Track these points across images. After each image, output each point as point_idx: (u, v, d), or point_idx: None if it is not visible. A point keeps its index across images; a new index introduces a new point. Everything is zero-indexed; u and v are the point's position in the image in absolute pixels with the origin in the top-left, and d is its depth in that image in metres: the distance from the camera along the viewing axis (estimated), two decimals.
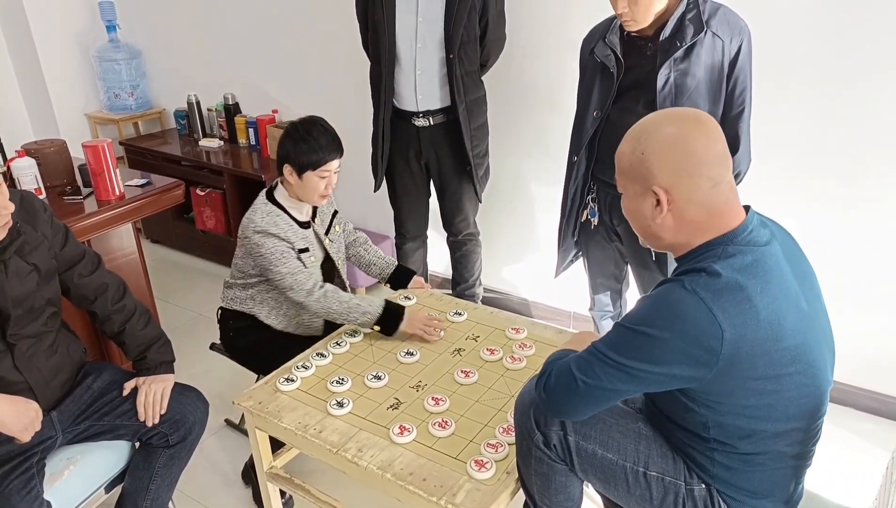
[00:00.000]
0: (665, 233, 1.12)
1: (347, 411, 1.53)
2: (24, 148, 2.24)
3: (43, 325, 1.51)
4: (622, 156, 1.14)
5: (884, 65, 1.92)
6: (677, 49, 1.67)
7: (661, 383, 1.09)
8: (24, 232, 1.47)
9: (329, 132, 1.79)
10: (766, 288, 1.04)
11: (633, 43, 1.77)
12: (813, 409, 1.13)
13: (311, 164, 1.74)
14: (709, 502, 1.19)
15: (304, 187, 1.78)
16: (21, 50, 3.75)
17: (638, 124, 1.13)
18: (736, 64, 1.71)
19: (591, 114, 1.86)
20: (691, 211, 1.08)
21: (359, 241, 2.12)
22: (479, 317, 1.91)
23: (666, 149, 1.07)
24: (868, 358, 2.21)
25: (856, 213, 2.10)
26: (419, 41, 2.24)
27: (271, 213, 1.81)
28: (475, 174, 2.41)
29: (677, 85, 1.70)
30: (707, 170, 1.06)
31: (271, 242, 1.77)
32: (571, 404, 1.17)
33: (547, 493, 1.30)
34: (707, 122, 1.10)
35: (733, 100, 1.76)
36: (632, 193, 1.13)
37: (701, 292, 1.02)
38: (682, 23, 1.67)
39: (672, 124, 1.09)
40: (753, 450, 1.13)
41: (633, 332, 1.08)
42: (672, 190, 1.07)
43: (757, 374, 1.05)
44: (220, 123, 3.57)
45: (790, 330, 1.06)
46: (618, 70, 1.77)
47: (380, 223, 3.22)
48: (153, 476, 1.60)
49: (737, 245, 1.07)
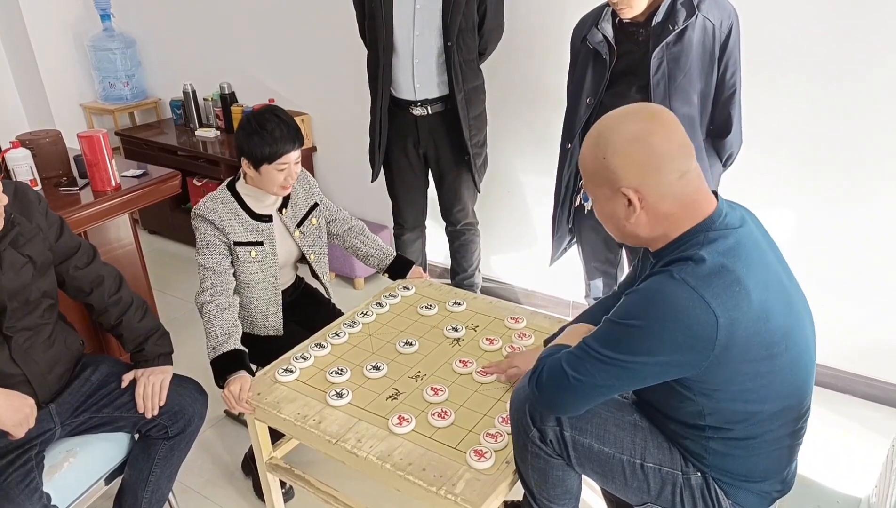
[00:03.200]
0: (641, 230, 1.11)
1: (346, 401, 1.52)
2: (19, 138, 2.23)
3: (39, 318, 1.50)
4: (585, 161, 1.13)
5: (883, 58, 1.91)
6: (669, 33, 1.69)
7: (656, 375, 1.09)
8: (19, 223, 1.46)
9: (285, 122, 1.71)
10: (751, 269, 1.04)
11: (624, 29, 1.78)
12: (803, 384, 1.14)
13: (266, 158, 1.70)
14: (705, 490, 1.19)
15: (263, 180, 1.74)
16: (15, 40, 3.72)
17: (594, 129, 1.12)
18: (727, 46, 1.73)
19: (584, 100, 1.87)
20: (664, 205, 1.08)
21: (355, 231, 2.07)
22: (478, 307, 1.91)
23: (627, 150, 1.06)
24: (868, 345, 2.21)
25: (854, 203, 2.09)
26: (417, 29, 2.22)
27: (217, 200, 1.78)
28: (473, 164, 2.39)
29: (670, 69, 1.72)
30: (671, 164, 1.06)
31: (203, 227, 1.75)
32: (563, 400, 1.17)
33: (545, 487, 1.30)
34: (662, 115, 1.10)
35: (724, 83, 1.78)
36: (602, 197, 1.13)
37: (690, 280, 1.01)
38: (673, 7, 1.69)
39: (629, 123, 1.09)
40: (749, 434, 1.13)
41: (624, 327, 1.07)
42: (641, 188, 1.07)
43: (751, 356, 1.05)
44: (216, 113, 3.56)
45: (777, 309, 1.06)
46: (610, 56, 1.79)
47: (378, 213, 3.21)
48: (153, 468, 1.60)
49: (715, 230, 1.07)
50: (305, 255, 1.94)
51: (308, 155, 3.38)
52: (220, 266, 1.75)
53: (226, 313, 1.69)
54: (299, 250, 1.93)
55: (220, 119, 3.54)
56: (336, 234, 2.07)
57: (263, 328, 1.91)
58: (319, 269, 1.99)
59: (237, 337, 1.67)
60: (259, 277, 1.83)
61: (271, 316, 1.90)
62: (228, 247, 1.78)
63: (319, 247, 1.99)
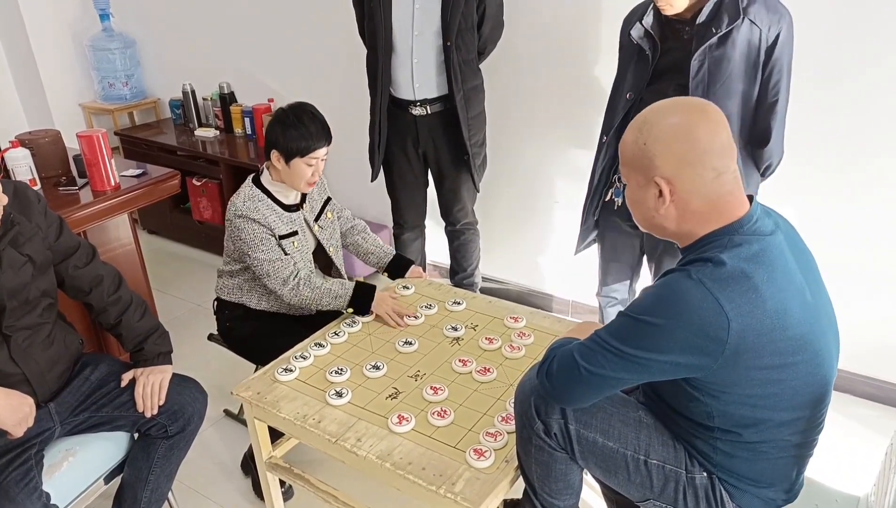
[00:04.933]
0: (668, 223, 1.11)
1: (346, 401, 1.52)
2: (18, 138, 2.23)
3: (39, 317, 1.50)
4: (625, 146, 1.13)
5: (882, 57, 1.91)
6: (712, 35, 1.64)
7: (664, 372, 1.09)
8: (18, 223, 1.46)
9: (318, 119, 1.77)
10: (772, 277, 1.04)
11: (670, 26, 1.74)
12: (817, 399, 1.13)
13: (299, 151, 1.73)
14: (710, 490, 1.19)
15: (291, 173, 1.77)
16: (14, 40, 3.71)
17: (641, 114, 1.12)
18: (773, 52, 1.67)
19: (623, 95, 1.84)
20: (694, 201, 1.07)
21: (357, 229, 2.10)
22: (478, 306, 1.91)
23: (669, 140, 1.06)
24: (867, 344, 2.21)
25: (855, 202, 2.09)
26: (416, 28, 2.22)
27: (253, 198, 1.80)
28: (473, 163, 2.39)
29: (710, 72, 1.68)
30: (710, 161, 1.05)
31: (251, 227, 1.77)
32: (573, 391, 1.17)
33: (547, 481, 1.30)
34: (712, 112, 1.09)
35: (767, 90, 1.72)
36: (634, 184, 1.12)
37: (707, 282, 1.02)
38: (718, 8, 1.64)
39: (676, 114, 1.08)
40: (758, 439, 1.13)
41: (637, 322, 1.08)
42: (674, 180, 1.06)
43: (762, 364, 1.05)
44: (215, 113, 3.55)
45: (795, 320, 1.05)
46: (653, 53, 1.75)
47: (377, 213, 3.21)
48: (152, 467, 1.60)
49: (742, 235, 1.07)
50: (325, 248, 1.96)
51: None
52: (280, 254, 1.80)
53: (314, 277, 1.82)
54: (316, 243, 1.96)
55: (220, 119, 3.54)
56: (339, 232, 2.08)
57: (300, 309, 1.94)
58: (338, 261, 2.02)
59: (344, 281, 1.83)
60: (301, 265, 1.86)
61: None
62: (275, 240, 1.81)
63: (336, 240, 2.03)
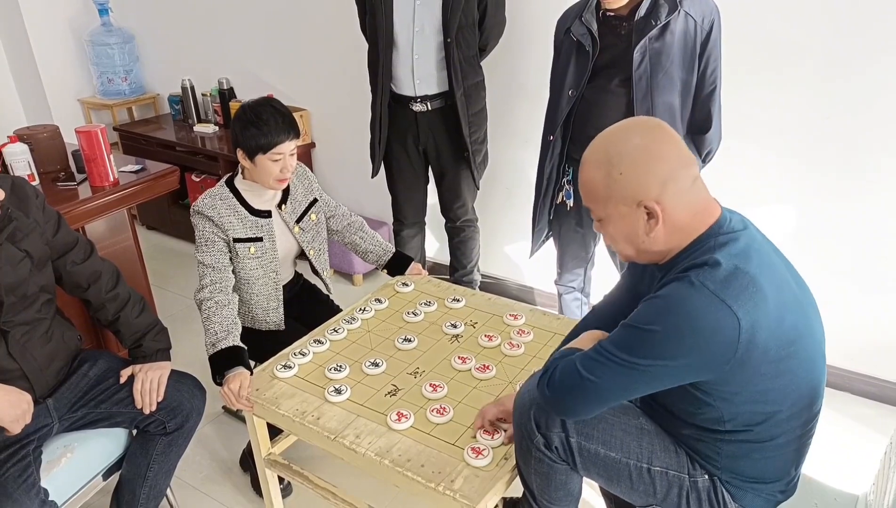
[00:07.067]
0: (657, 244, 1.11)
1: (345, 398, 1.52)
2: (17, 133, 2.22)
3: (37, 312, 1.49)
4: (594, 183, 1.10)
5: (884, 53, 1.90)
6: (652, 28, 1.71)
7: (674, 377, 1.08)
8: (16, 218, 1.45)
9: (280, 113, 1.71)
10: (763, 268, 1.05)
11: (608, 22, 1.81)
12: (817, 383, 1.14)
13: (260, 148, 1.69)
14: (712, 492, 1.19)
15: (258, 171, 1.73)
16: (13, 35, 3.70)
17: (598, 150, 1.10)
18: (708, 43, 1.76)
19: (566, 93, 1.89)
20: (679, 214, 1.08)
21: (354, 227, 2.06)
22: (477, 304, 1.91)
23: (645, 162, 1.06)
24: (866, 343, 2.21)
25: (854, 199, 2.09)
26: (417, 25, 2.21)
27: (216, 196, 1.77)
28: (473, 160, 2.39)
29: (652, 63, 1.74)
30: (685, 171, 1.07)
31: (202, 224, 1.75)
32: (576, 403, 1.15)
33: (547, 490, 1.29)
34: (664, 127, 1.11)
35: (705, 79, 1.80)
36: (617, 216, 1.10)
37: (710, 285, 1.02)
38: (656, 2, 1.72)
39: (635, 136, 1.08)
40: (768, 435, 1.13)
41: (644, 331, 1.06)
42: (662, 199, 1.06)
43: (770, 357, 1.05)
44: (214, 108, 3.54)
45: (790, 308, 1.06)
46: (593, 49, 1.81)
47: (377, 209, 3.20)
48: (151, 464, 1.60)
49: (724, 233, 1.08)
50: (305, 251, 1.93)
51: (307, 150, 3.37)
52: (219, 263, 1.75)
53: (225, 310, 1.68)
54: (299, 246, 1.93)
55: (219, 114, 3.53)
56: (335, 230, 2.06)
57: (264, 323, 1.91)
58: (319, 265, 1.99)
59: (236, 334, 1.66)
60: (259, 273, 1.83)
61: (272, 312, 1.90)
62: (227, 244, 1.78)
63: (319, 242, 1.99)
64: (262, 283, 1.85)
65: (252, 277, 1.83)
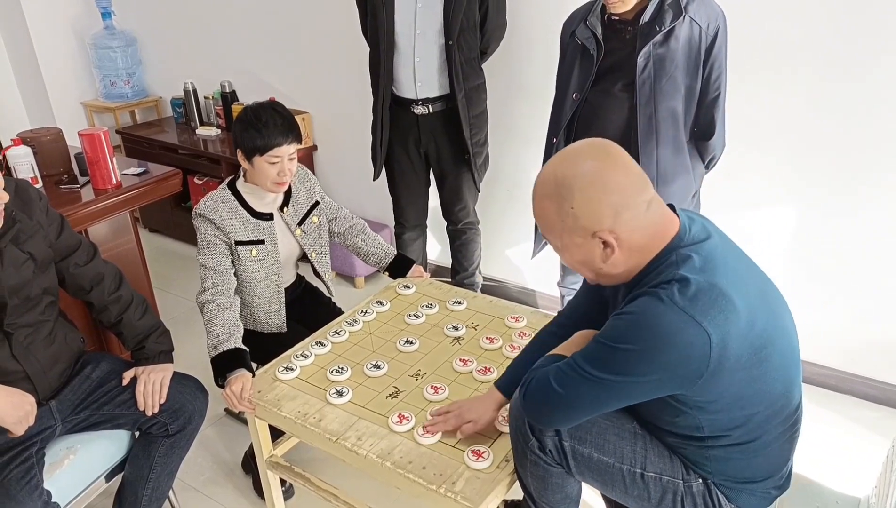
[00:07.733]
0: (617, 268, 1.11)
1: (347, 400, 1.52)
2: (20, 136, 2.22)
3: (40, 314, 1.50)
4: (547, 216, 1.10)
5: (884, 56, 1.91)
6: (656, 33, 1.71)
7: (646, 393, 1.08)
8: (20, 220, 1.46)
9: (281, 115, 1.71)
10: (729, 276, 1.04)
11: (613, 26, 1.81)
12: (792, 380, 1.14)
13: (257, 149, 1.69)
14: (707, 496, 1.19)
15: (257, 173, 1.74)
16: (16, 37, 3.71)
17: (547, 182, 1.09)
18: (713, 49, 1.75)
19: (570, 96, 1.90)
20: (635, 239, 1.07)
21: (356, 229, 2.07)
22: (479, 306, 1.91)
23: (595, 194, 1.04)
24: (867, 345, 2.21)
25: (852, 202, 2.09)
26: (418, 27, 2.21)
27: (217, 199, 1.78)
28: (474, 163, 2.39)
29: (656, 69, 1.75)
30: (638, 197, 1.06)
31: (204, 227, 1.76)
32: (545, 413, 1.17)
33: (545, 493, 1.30)
34: (613, 150, 1.09)
35: (709, 85, 1.80)
36: (573, 246, 1.10)
37: (679, 301, 1.01)
38: (661, 7, 1.72)
39: (583, 165, 1.06)
40: (748, 437, 1.13)
41: (613, 349, 1.07)
42: (616, 228, 1.05)
43: (743, 364, 1.05)
44: (217, 111, 3.55)
45: (758, 313, 1.06)
46: (598, 52, 1.81)
47: (379, 212, 3.21)
48: (153, 466, 1.60)
49: (685, 247, 1.07)
50: (307, 254, 1.94)
51: (309, 153, 3.37)
52: (220, 265, 1.75)
53: (227, 312, 1.69)
54: (300, 248, 1.93)
55: (221, 117, 3.54)
56: (337, 233, 2.07)
57: (266, 325, 1.91)
58: (321, 268, 1.99)
59: (238, 337, 1.67)
60: (261, 275, 1.83)
61: (274, 314, 1.90)
62: (229, 247, 1.78)
63: (321, 245, 1.99)
64: (263, 286, 1.85)
65: (254, 280, 1.83)
